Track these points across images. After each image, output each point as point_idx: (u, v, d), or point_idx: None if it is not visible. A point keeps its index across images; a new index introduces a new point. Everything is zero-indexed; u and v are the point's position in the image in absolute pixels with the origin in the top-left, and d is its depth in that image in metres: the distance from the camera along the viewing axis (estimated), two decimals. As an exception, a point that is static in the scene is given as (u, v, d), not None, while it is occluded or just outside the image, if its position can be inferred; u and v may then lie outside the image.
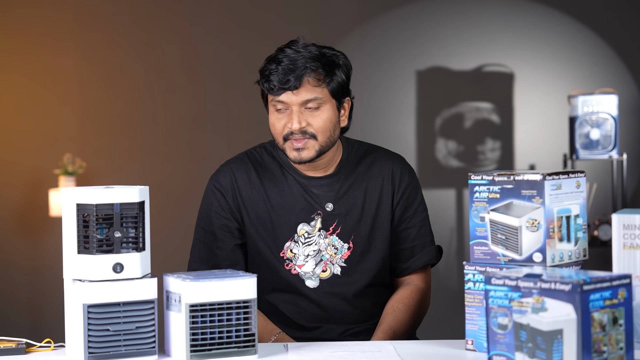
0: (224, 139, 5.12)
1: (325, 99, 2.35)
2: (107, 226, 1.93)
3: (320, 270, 2.40)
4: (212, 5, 5.17)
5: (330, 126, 2.36)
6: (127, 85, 5.16)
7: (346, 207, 2.42)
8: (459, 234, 5.14)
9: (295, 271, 2.40)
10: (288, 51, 2.34)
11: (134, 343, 1.94)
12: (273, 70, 2.33)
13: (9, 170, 5.14)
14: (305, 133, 2.33)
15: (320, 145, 2.35)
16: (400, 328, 2.39)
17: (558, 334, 1.71)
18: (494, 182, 2.02)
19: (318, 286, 2.40)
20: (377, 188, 2.45)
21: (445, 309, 5.01)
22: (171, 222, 4.96)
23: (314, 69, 2.32)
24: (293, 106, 2.33)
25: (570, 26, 5.13)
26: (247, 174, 2.44)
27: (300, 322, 2.41)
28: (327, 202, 2.41)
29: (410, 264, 2.47)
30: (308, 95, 2.32)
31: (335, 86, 2.36)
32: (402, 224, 2.46)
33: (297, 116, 2.33)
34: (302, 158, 2.35)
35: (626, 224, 1.91)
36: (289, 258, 2.40)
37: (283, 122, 2.35)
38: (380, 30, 5.13)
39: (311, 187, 2.42)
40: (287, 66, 2.31)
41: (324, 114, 2.35)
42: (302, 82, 2.31)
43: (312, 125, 2.34)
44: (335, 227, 2.41)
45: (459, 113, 5.17)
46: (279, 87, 2.32)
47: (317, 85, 2.33)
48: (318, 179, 2.43)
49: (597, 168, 5.02)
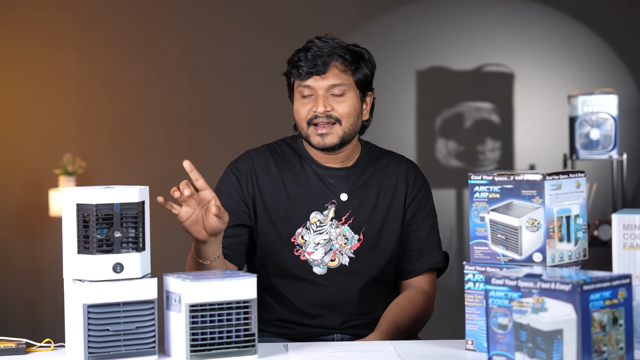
0: (224, 139, 5.12)
1: (350, 86, 2.42)
2: (107, 226, 1.93)
3: (329, 259, 2.43)
4: (212, 5, 5.17)
5: (355, 113, 2.43)
6: (127, 85, 5.17)
7: (360, 200, 2.46)
8: (459, 234, 5.14)
9: (304, 257, 2.43)
10: (316, 41, 2.43)
11: (134, 343, 1.94)
12: (302, 57, 2.41)
13: (9, 170, 5.15)
14: (330, 117, 2.40)
15: (343, 131, 2.41)
16: (403, 323, 2.41)
17: (558, 334, 1.71)
18: (494, 182, 2.02)
19: (325, 274, 2.43)
20: (392, 187, 2.50)
21: (445, 309, 5.01)
22: (171, 222, 4.93)
23: (341, 55, 2.41)
24: (319, 90, 2.40)
25: (570, 26, 5.14)
26: (266, 163, 2.49)
27: (304, 307, 2.43)
28: (342, 192, 2.46)
29: (417, 266, 2.50)
30: (334, 80, 2.40)
31: (360, 77, 2.43)
32: (412, 226, 2.50)
33: (322, 100, 2.39)
34: (326, 143, 2.40)
35: (626, 224, 1.91)
36: (299, 244, 2.43)
37: (308, 107, 2.41)
38: (380, 30, 5.13)
39: (328, 177, 2.47)
40: (315, 52, 2.39)
41: (348, 100, 2.41)
42: (329, 67, 2.40)
43: (336, 110, 2.40)
44: (347, 217, 2.45)
45: (459, 113, 5.17)
46: (306, 71, 2.39)
47: (343, 72, 2.41)
48: (335, 170, 2.48)
49: (597, 168, 5.02)
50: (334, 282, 2.43)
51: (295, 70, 2.42)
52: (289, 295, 2.44)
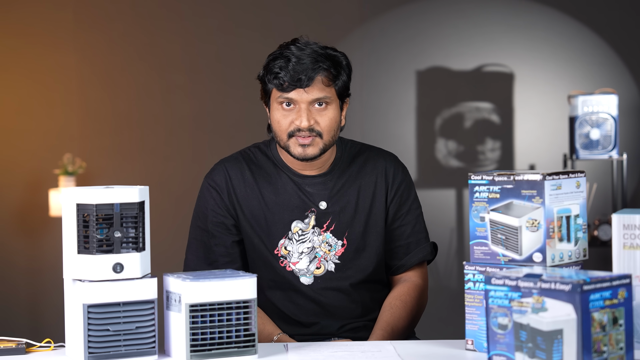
0: (224, 139, 5.12)
1: (333, 98, 2.37)
2: (107, 226, 1.93)
3: (315, 267, 2.40)
4: (212, 5, 5.17)
5: (335, 125, 2.38)
6: (127, 85, 5.17)
7: (340, 205, 2.42)
8: (459, 234, 5.14)
9: (290, 268, 2.40)
10: (293, 48, 2.35)
11: (134, 343, 1.94)
12: (283, 67, 2.33)
13: (9, 170, 5.14)
14: (312, 131, 2.35)
15: (324, 143, 2.37)
16: (398, 324, 2.40)
17: (558, 334, 1.71)
18: (494, 182, 2.02)
19: (312, 283, 2.40)
20: (371, 186, 2.45)
21: (445, 309, 5.01)
22: (171, 222, 4.96)
23: (325, 68, 2.34)
24: (302, 104, 2.34)
25: (570, 26, 5.13)
26: (241, 173, 2.45)
27: (298, 318, 2.41)
28: (321, 200, 2.42)
29: (405, 261, 2.48)
30: (319, 94, 2.34)
31: (341, 86, 2.38)
32: (396, 222, 2.47)
33: (305, 114, 2.34)
34: (307, 154, 2.36)
35: (626, 224, 1.91)
36: (283, 255, 2.40)
37: (290, 119, 2.36)
38: (380, 30, 5.13)
39: (305, 186, 2.43)
40: (298, 63, 2.32)
41: (330, 113, 2.36)
42: (315, 80, 2.33)
43: (319, 123, 2.35)
44: (329, 224, 2.41)
45: (459, 113, 5.17)
46: (289, 83, 2.32)
47: (327, 85, 2.35)
48: (312, 178, 2.44)
49: (597, 168, 5.02)
50: (322, 290, 2.40)
51: (276, 81, 2.35)
52: (282, 307, 2.41)
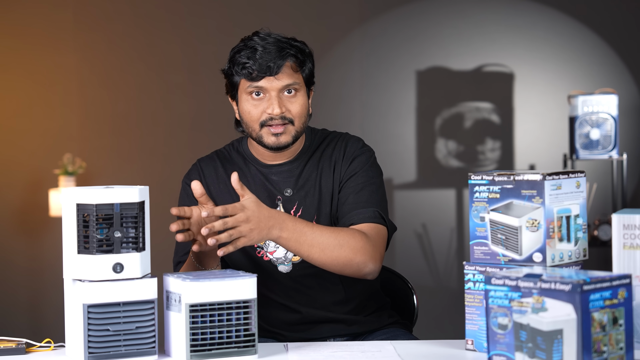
0: (224, 139, 5.08)
1: (301, 84, 2.38)
2: (107, 226, 1.93)
3: (292, 255, 2.39)
4: (212, 5, 5.17)
5: (305, 112, 2.40)
6: (127, 85, 5.17)
7: (305, 190, 2.43)
8: (459, 234, 5.14)
9: (267, 258, 2.41)
10: (257, 39, 2.36)
11: (134, 343, 1.94)
12: (251, 57, 2.34)
13: (9, 170, 5.15)
14: (284, 118, 2.36)
15: (296, 130, 2.38)
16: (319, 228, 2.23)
17: (558, 334, 1.71)
18: (494, 182, 2.02)
19: (291, 270, 2.40)
20: (331, 165, 2.45)
21: (445, 309, 5.02)
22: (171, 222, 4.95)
23: (293, 54, 2.35)
24: (272, 92, 2.35)
25: (570, 26, 5.14)
26: (215, 170, 2.49)
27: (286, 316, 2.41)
28: (286, 187, 2.43)
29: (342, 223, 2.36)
30: (288, 80, 2.35)
31: (307, 73, 2.41)
32: (343, 190, 2.41)
33: (277, 101, 2.34)
34: (281, 143, 2.37)
35: (626, 224, 1.91)
36: (259, 246, 2.41)
37: (261, 108, 2.37)
38: (380, 30, 5.13)
39: (271, 175, 2.45)
40: (265, 52, 2.33)
41: (300, 100, 2.38)
42: (283, 67, 2.34)
43: (290, 110, 2.36)
44: (295, 209, 2.41)
45: (459, 113, 5.17)
46: (258, 72, 2.33)
47: (296, 71, 2.37)
48: (278, 166, 2.45)
49: (597, 168, 5.02)
50: (302, 277, 2.40)
51: (244, 71, 2.35)
52: (265, 300, 2.41)
